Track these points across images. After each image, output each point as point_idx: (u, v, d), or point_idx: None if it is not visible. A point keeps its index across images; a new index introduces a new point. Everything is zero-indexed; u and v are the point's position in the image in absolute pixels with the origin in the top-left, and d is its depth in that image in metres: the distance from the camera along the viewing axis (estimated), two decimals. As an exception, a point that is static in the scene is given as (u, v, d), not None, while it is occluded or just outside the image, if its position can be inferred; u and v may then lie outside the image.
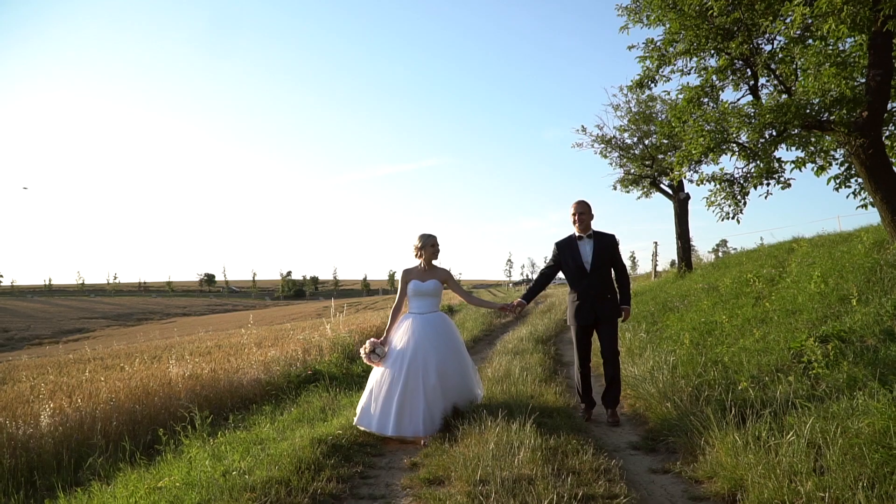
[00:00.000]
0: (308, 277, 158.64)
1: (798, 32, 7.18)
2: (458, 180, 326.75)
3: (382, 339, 6.19)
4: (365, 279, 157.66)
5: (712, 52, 8.51)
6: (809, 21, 6.36)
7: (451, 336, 6.19)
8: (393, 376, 5.84)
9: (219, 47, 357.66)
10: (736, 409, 4.77)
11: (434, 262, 6.35)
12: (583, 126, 17.21)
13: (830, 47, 7.39)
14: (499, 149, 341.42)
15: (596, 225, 6.31)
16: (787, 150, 10.23)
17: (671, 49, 8.58)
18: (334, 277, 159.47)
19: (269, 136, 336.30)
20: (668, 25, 8.26)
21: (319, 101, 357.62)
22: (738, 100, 9.37)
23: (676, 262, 18.41)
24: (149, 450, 6.60)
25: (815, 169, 10.50)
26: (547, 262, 6.74)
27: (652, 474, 4.58)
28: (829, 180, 10.54)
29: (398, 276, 6.48)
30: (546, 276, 6.57)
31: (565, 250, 6.33)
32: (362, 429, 5.84)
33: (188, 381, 9.01)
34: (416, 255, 6.32)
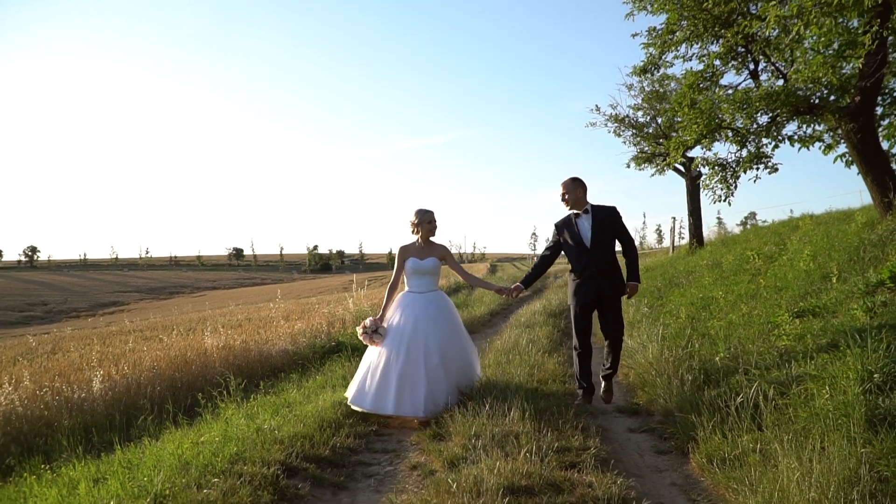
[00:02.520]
0: (334, 251, 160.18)
1: (794, 21, 7.54)
2: (483, 153, 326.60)
3: (379, 316, 6.04)
4: (390, 252, 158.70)
5: (712, 38, 8.91)
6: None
7: (452, 316, 6.10)
8: (391, 354, 5.73)
9: (247, 19, 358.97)
10: (706, 376, 5.38)
11: (431, 239, 6.19)
12: (597, 105, 17.70)
13: (840, 22, 7.64)
14: (524, 121, 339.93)
15: (622, 198, 6.14)
16: (798, 127, 10.60)
17: (671, 37, 8.99)
18: (360, 251, 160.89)
19: (295, 110, 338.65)
20: (668, 15, 8.67)
21: (345, 75, 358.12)
22: (740, 84, 9.78)
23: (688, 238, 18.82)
24: (189, 412, 7.32)
25: (823, 147, 10.84)
26: (547, 244, 6.38)
27: (629, 433, 5.20)
28: (835, 159, 10.88)
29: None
30: (546, 258, 6.27)
31: (564, 230, 6.03)
32: (356, 409, 5.77)
33: (222, 352, 9.75)
34: (413, 232, 6.17)
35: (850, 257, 7.53)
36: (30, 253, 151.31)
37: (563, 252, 6.16)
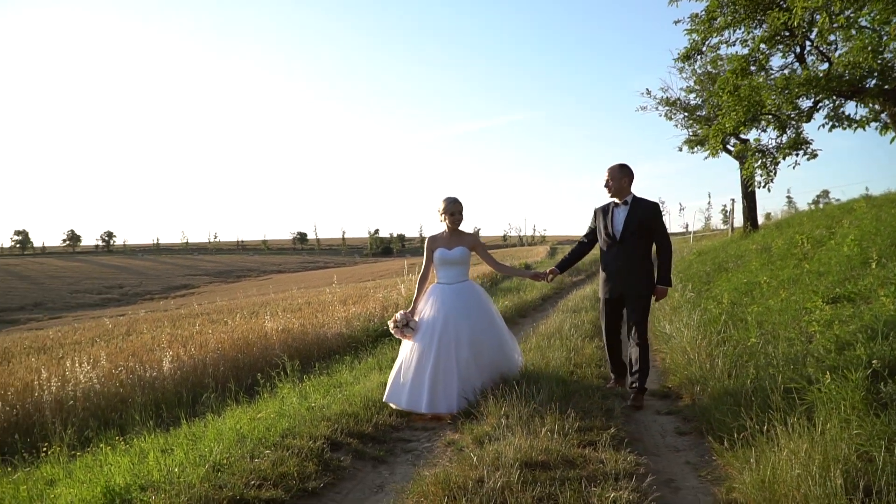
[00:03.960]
0: (395, 235, 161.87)
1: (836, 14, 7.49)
2: (545, 135, 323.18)
3: (410, 310, 6.01)
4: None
5: (755, 23, 8.87)
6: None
7: (483, 306, 5.95)
8: (423, 350, 5.65)
9: (305, 4, 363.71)
10: (735, 361, 5.56)
11: (460, 228, 6.06)
12: (647, 89, 17.69)
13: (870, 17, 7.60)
14: (586, 101, 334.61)
15: (687, 178, 5.88)
16: (856, 107, 10.44)
17: (713, 23, 8.99)
18: (420, 234, 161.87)
19: (357, 94, 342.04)
20: (708, 2, 8.68)
21: (406, 58, 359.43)
22: (786, 67, 9.69)
23: (743, 220, 18.56)
24: (250, 390, 7.87)
25: (879, 128, 10.65)
26: (587, 230, 6.20)
27: (656, 415, 5.44)
28: (893, 139, 10.70)
29: (483, 234, 6.54)
30: (583, 245, 6.14)
31: (600, 216, 5.90)
32: (393, 406, 5.72)
33: (281, 335, 10.35)
34: (441, 220, 6.04)
35: (892, 242, 7.51)
36: (107, 238, 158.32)
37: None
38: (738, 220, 25.59)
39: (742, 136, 14.23)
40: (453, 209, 5.96)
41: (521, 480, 3.61)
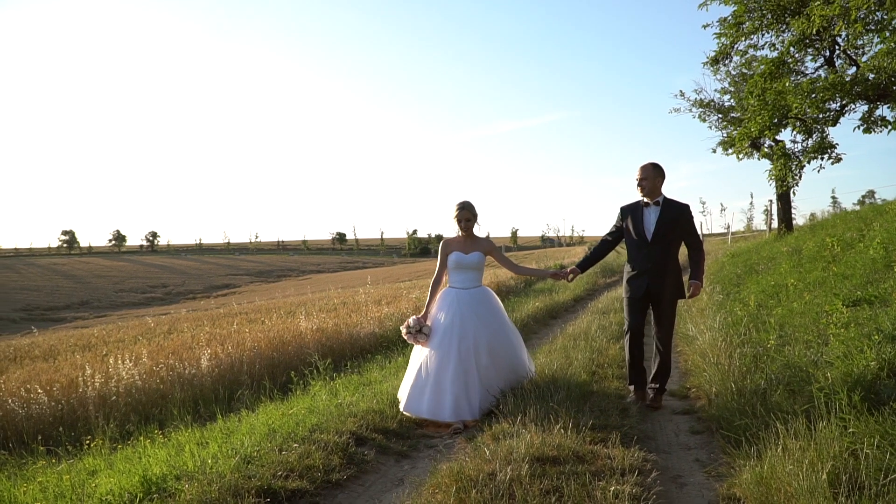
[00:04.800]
0: (433, 235, 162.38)
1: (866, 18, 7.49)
2: (583, 135, 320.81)
3: (423, 314, 5.90)
4: (487, 237, 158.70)
5: (783, 27, 8.89)
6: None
7: (497, 312, 5.93)
8: (442, 357, 5.57)
9: (348, 5, 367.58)
10: (754, 362, 5.66)
11: (475, 232, 6.00)
12: (681, 91, 17.66)
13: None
14: (623, 101, 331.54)
15: (729, 176, 5.77)
16: (890, 109, 10.36)
17: (741, 28, 9.03)
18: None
19: (395, 94, 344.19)
20: (735, 7, 8.73)
21: (443, 57, 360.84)
22: (820, 68, 9.67)
23: (778, 222, 18.38)
24: (283, 388, 8.19)
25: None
26: (610, 228, 5.99)
27: (673, 415, 5.59)
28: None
29: (522, 233, 6.45)
30: (606, 243, 5.97)
31: (629, 216, 5.72)
32: (409, 415, 5.64)
33: (315, 334, 10.67)
34: (457, 225, 5.95)
35: (917, 245, 7.49)
36: (151, 238, 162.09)
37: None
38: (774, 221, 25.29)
39: (777, 138, 14.17)
40: (460, 216, 5.90)
41: (531, 474, 3.81)
